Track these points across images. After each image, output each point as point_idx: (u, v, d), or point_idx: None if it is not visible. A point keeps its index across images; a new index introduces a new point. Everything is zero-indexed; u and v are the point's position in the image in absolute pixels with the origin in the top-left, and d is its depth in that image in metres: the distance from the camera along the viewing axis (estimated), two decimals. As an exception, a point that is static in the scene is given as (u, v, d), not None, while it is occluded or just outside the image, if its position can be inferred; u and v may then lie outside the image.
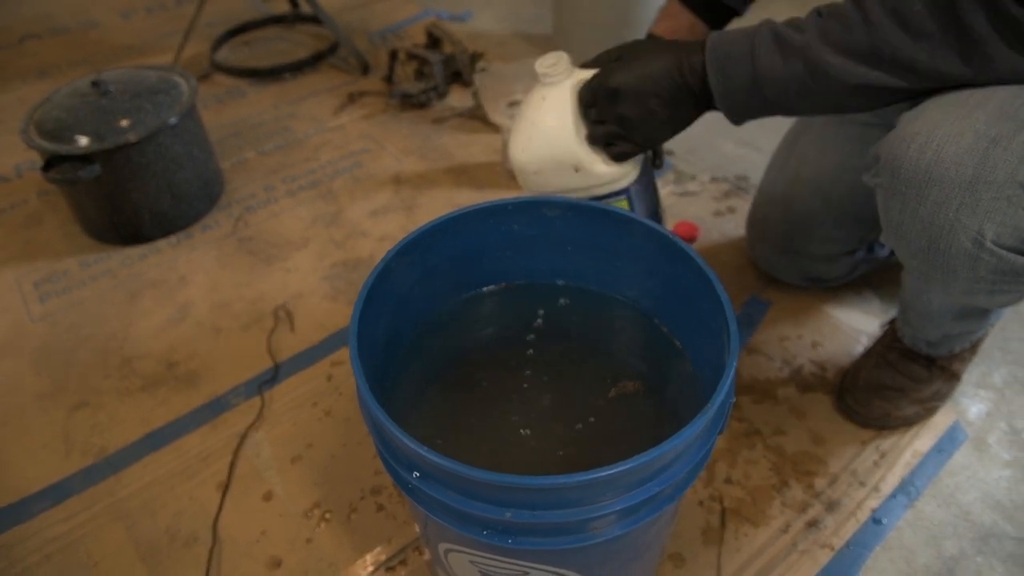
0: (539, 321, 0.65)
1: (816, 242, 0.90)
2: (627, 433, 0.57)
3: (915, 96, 0.59)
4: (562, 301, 0.66)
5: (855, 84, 0.57)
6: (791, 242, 0.92)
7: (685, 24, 0.74)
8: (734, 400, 0.50)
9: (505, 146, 0.65)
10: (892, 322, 0.87)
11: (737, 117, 0.63)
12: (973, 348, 0.84)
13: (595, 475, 0.41)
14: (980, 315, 0.77)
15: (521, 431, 0.57)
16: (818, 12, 0.59)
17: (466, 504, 0.44)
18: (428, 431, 0.57)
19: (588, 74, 0.67)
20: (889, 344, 0.85)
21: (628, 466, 0.42)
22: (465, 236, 0.62)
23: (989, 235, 0.57)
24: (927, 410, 0.83)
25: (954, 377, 0.84)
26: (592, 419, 0.58)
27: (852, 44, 0.56)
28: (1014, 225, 0.56)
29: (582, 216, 0.61)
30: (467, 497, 0.44)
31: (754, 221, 0.98)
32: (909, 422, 0.83)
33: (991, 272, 0.60)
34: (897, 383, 0.82)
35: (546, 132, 0.66)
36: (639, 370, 0.61)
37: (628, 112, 0.64)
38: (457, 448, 0.56)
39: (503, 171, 1.22)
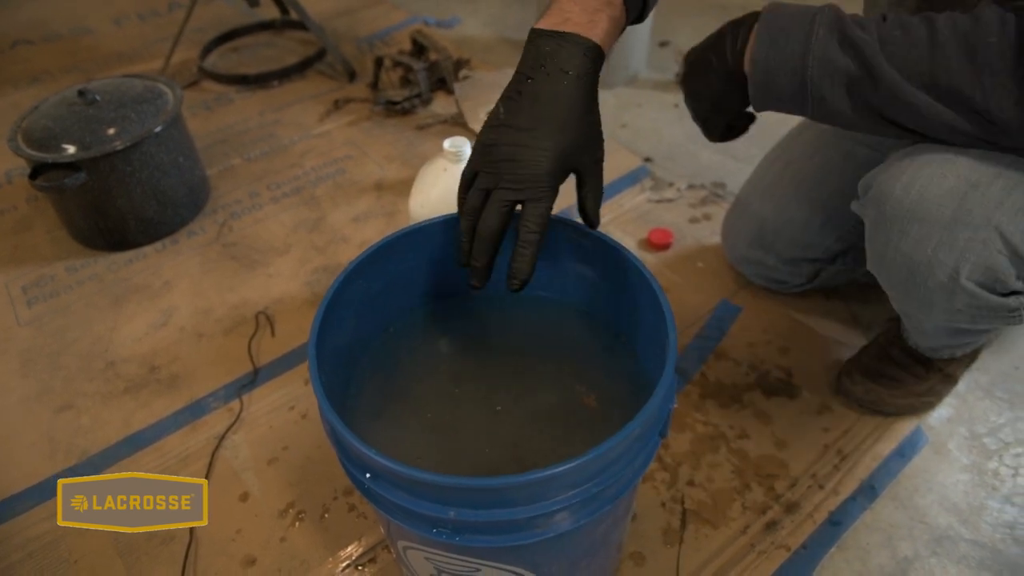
0: (499, 329, 0.67)
1: (782, 242, 0.93)
2: (584, 435, 0.59)
3: (946, 140, 0.58)
4: (521, 309, 0.68)
5: (901, 103, 0.55)
6: (760, 236, 0.95)
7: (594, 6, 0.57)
8: (674, 405, 0.52)
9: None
10: (898, 318, 0.89)
11: (763, 98, 0.60)
12: (973, 354, 0.86)
13: (533, 476, 0.43)
14: (976, 331, 0.78)
15: (479, 433, 0.59)
16: (883, 17, 0.56)
17: (414, 504, 0.46)
18: (393, 434, 0.59)
19: None
20: (892, 339, 0.87)
21: (565, 467, 0.44)
22: (428, 246, 0.64)
23: (964, 273, 0.60)
24: (923, 404, 0.86)
25: (950, 379, 0.86)
26: (551, 421, 0.60)
27: (911, 60, 0.53)
28: (987, 265, 0.60)
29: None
30: (414, 497, 0.46)
31: (732, 210, 1.02)
32: (902, 411, 0.86)
33: (967, 306, 0.63)
34: (895, 375, 0.85)
35: (439, 200, 0.84)
36: (595, 377, 0.63)
37: (692, 85, 0.67)
38: (419, 450, 0.58)
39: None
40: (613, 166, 1.26)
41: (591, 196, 0.58)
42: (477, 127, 1.26)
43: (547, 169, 0.53)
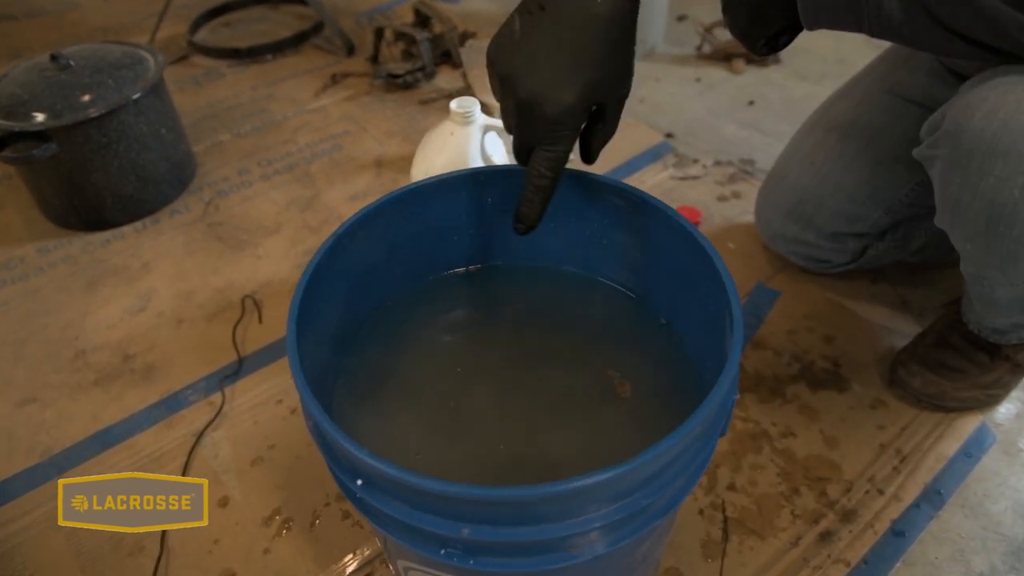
0: (515, 307, 0.58)
1: (824, 215, 0.83)
2: (618, 435, 0.50)
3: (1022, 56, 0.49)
4: (541, 284, 0.58)
5: (971, 7, 0.46)
6: (799, 209, 0.85)
7: None
8: (737, 397, 0.42)
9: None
10: (955, 302, 0.80)
11: (814, 10, 0.52)
12: None
13: (568, 486, 0.34)
14: None
15: (493, 433, 0.49)
16: None
17: (417, 518, 0.37)
18: (391, 431, 0.50)
19: (492, 121, 0.83)
20: (951, 324, 0.78)
21: (609, 474, 0.34)
22: (432, 210, 0.54)
23: None
24: (988, 397, 0.76)
25: (1019, 368, 0.76)
26: (579, 414, 0.50)
27: None
28: None
29: (565, 187, 0.53)
30: (417, 509, 0.37)
31: (767, 182, 0.92)
32: (965, 405, 0.76)
33: None
34: (957, 364, 0.76)
35: (445, 168, 0.77)
36: (630, 363, 0.53)
37: None
38: (422, 450, 0.48)
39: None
40: (633, 141, 1.16)
41: (601, 133, 0.50)
42: (485, 97, 1.17)
43: (568, 108, 0.45)
